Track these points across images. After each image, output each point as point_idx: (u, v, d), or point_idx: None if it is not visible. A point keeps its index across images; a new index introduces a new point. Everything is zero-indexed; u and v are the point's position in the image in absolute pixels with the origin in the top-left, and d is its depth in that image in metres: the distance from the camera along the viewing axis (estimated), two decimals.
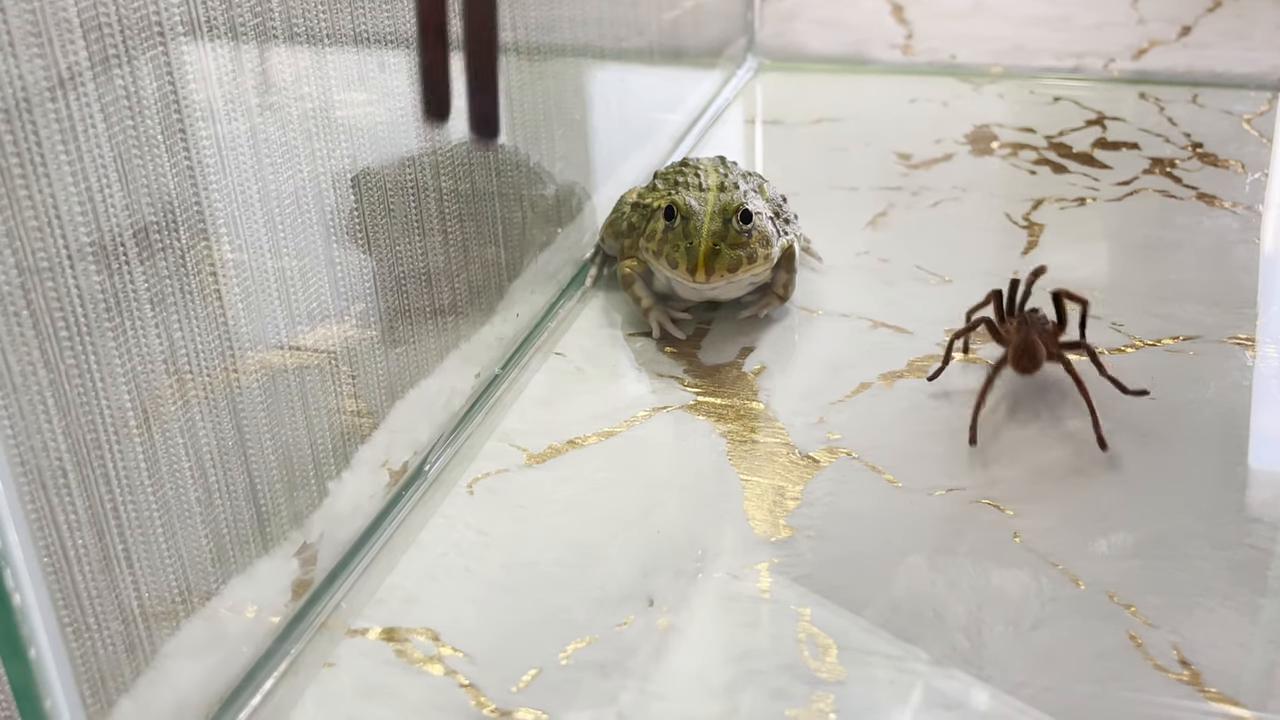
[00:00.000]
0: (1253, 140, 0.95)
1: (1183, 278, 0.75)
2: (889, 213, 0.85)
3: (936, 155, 0.94)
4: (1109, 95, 1.06)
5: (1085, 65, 1.12)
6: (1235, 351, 0.66)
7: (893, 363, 0.67)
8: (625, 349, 0.69)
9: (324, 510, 0.55)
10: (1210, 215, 0.83)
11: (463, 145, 0.65)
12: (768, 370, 0.67)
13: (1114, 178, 0.89)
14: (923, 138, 0.98)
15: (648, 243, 0.68)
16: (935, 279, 0.75)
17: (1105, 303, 0.72)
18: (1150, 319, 0.70)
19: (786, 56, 1.17)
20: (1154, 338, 0.68)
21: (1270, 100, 1.03)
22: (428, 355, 0.63)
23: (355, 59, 0.57)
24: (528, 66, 0.74)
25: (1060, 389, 0.63)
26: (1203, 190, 0.86)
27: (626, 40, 0.90)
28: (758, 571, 0.52)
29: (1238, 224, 0.81)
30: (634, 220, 0.73)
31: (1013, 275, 0.66)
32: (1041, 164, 0.92)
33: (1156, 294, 0.72)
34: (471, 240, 0.67)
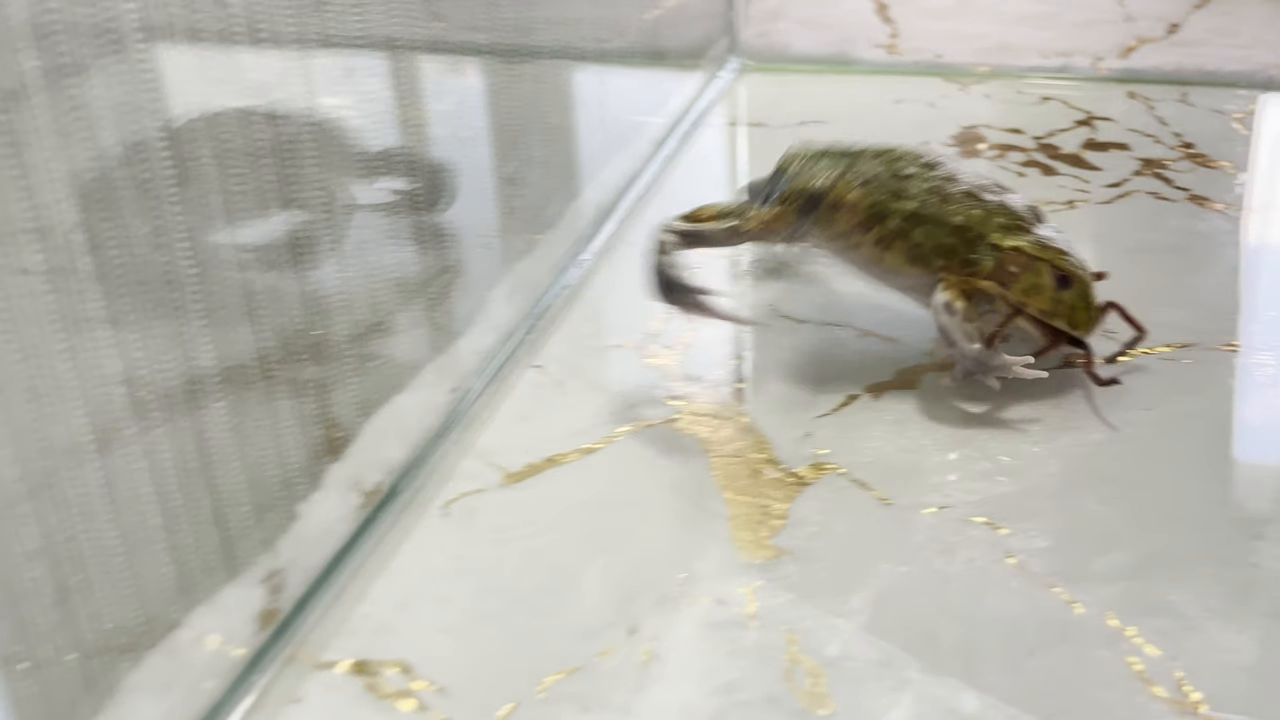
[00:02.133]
0: (1243, 140, 0.94)
1: (1176, 282, 0.73)
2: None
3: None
4: (1097, 94, 1.05)
5: (1073, 64, 1.11)
6: (1230, 359, 0.65)
7: (880, 373, 0.65)
8: (606, 360, 0.67)
9: (293, 534, 0.53)
10: (1202, 218, 0.81)
11: (433, 145, 0.63)
12: (753, 382, 0.65)
13: (1104, 179, 0.88)
14: (909, 139, 0.95)
15: (1029, 296, 0.61)
16: None
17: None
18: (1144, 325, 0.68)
19: (770, 57, 1.16)
20: (1147, 345, 0.66)
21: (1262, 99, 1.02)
22: (402, 369, 0.61)
23: (328, 63, 0.55)
24: (504, 70, 0.72)
25: (1051, 403, 0.62)
26: (1194, 192, 0.85)
27: (607, 42, 0.88)
28: (743, 596, 0.50)
29: (1230, 226, 0.80)
30: (922, 231, 0.63)
31: None
32: (1030, 166, 0.90)
33: (1149, 299, 0.71)
34: (446, 247, 0.65)
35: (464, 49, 0.68)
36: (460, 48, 0.68)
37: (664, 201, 0.88)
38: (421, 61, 0.63)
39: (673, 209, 0.86)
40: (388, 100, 0.60)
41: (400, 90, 0.61)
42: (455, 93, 0.67)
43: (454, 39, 0.67)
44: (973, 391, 0.63)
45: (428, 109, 0.64)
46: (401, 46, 0.61)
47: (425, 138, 0.64)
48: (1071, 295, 0.61)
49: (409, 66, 0.62)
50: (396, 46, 0.60)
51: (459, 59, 0.68)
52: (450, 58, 0.67)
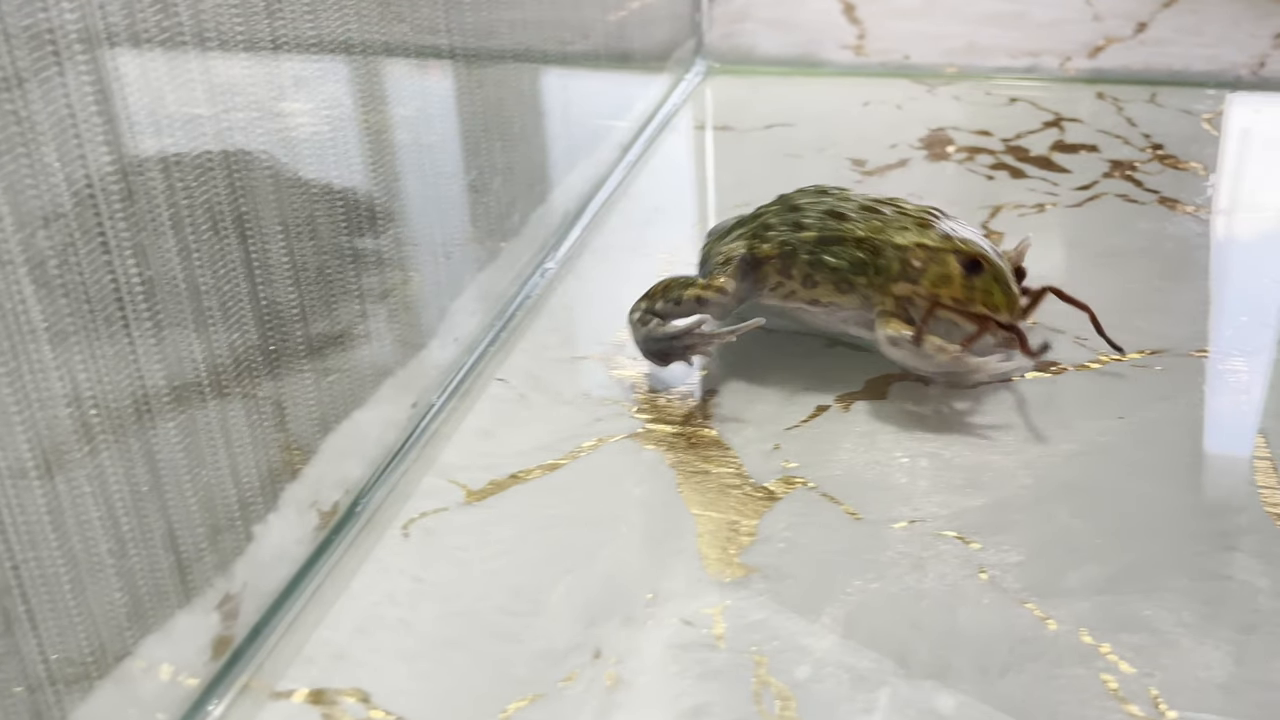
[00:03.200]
0: (1213, 141, 0.94)
1: (1146, 287, 0.73)
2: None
3: (891, 161, 0.92)
4: (1066, 95, 1.04)
5: (1041, 64, 1.10)
6: (1203, 365, 0.64)
7: (849, 383, 0.64)
8: (571, 372, 0.66)
9: (248, 557, 0.51)
10: (1173, 220, 0.81)
11: (394, 151, 0.62)
12: (720, 394, 0.64)
13: (1073, 182, 0.87)
14: (877, 142, 0.95)
15: (940, 287, 0.62)
16: None
17: (1069, 315, 0.69)
18: (1114, 332, 0.67)
19: (736, 59, 1.15)
20: (1119, 352, 0.66)
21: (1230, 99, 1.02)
22: (361, 384, 0.60)
23: (283, 68, 0.54)
24: (467, 74, 0.71)
25: (1022, 413, 0.61)
26: (1164, 194, 0.85)
27: (571, 44, 0.87)
28: (711, 616, 0.49)
29: (1201, 229, 0.80)
30: (831, 254, 0.64)
31: None
32: (999, 168, 0.90)
33: (1120, 305, 0.70)
34: (408, 257, 0.64)
35: (425, 52, 0.67)
36: (421, 51, 0.67)
37: (630, 207, 0.87)
38: (382, 65, 0.62)
39: (639, 214, 0.85)
40: (347, 106, 0.59)
41: (360, 95, 0.60)
42: (417, 97, 0.66)
43: (415, 42, 0.66)
44: (943, 401, 0.62)
45: (389, 114, 0.63)
46: (361, 50, 0.60)
47: (387, 144, 0.63)
48: (984, 279, 0.62)
49: (369, 71, 0.61)
50: (355, 50, 0.59)
51: (420, 62, 0.66)
52: (411, 61, 0.65)
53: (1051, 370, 0.64)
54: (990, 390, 0.63)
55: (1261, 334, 0.67)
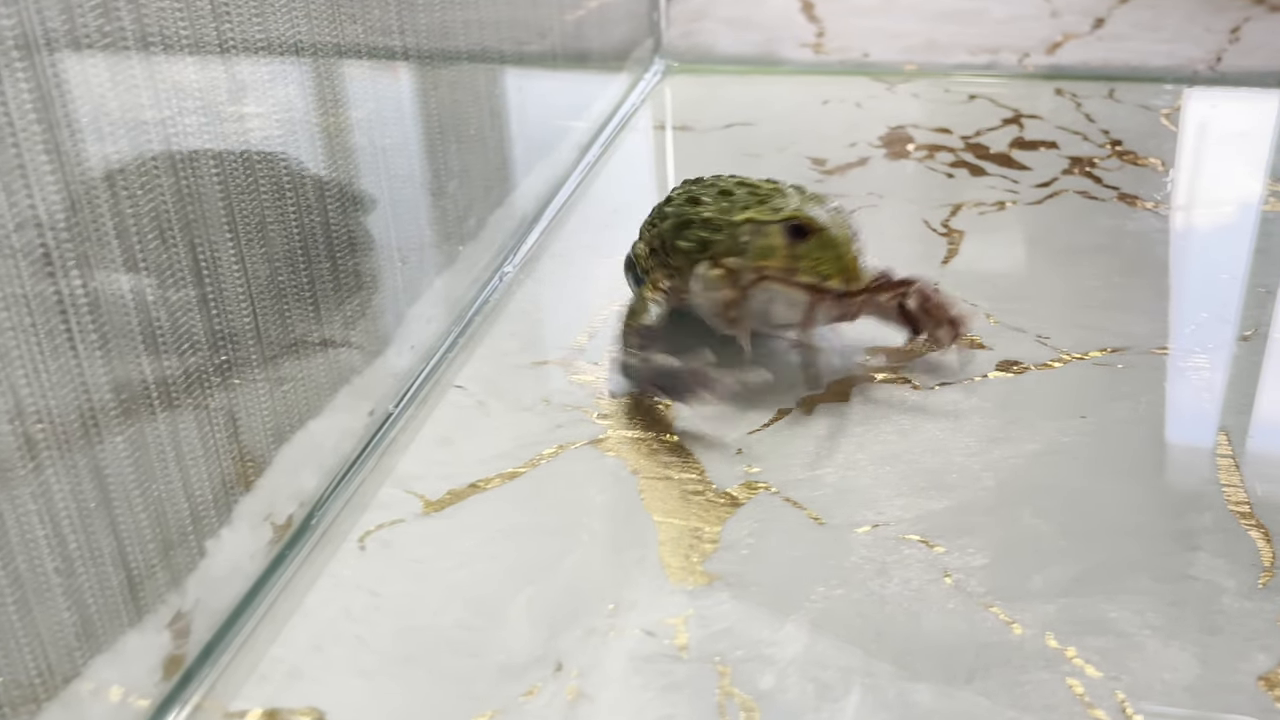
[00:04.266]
0: (1171, 136, 0.94)
1: (1107, 284, 0.73)
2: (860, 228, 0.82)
3: (851, 160, 0.92)
4: (1025, 92, 1.04)
5: (1000, 61, 1.11)
6: (1164, 363, 0.64)
7: (812, 386, 0.64)
8: (530, 379, 0.66)
9: (200, 573, 0.50)
10: (1132, 217, 0.81)
11: (349, 154, 0.61)
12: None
13: (1033, 179, 0.87)
14: (837, 141, 0.95)
15: (762, 260, 0.61)
16: None
17: (1030, 314, 0.69)
18: (1076, 330, 0.67)
19: (695, 58, 1.14)
20: (1081, 350, 0.66)
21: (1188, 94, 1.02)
22: (316, 392, 0.59)
23: (235, 71, 0.52)
24: (420, 75, 0.70)
25: (984, 414, 0.61)
26: (1124, 190, 0.85)
27: (528, 45, 0.86)
28: (674, 626, 0.48)
29: (1160, 225, 0.80)
30: (683, 238, 0.64)
31: (932, 285, 0.64)
32: (959, 166, 0.90)
33: (1082, 302, 0.70)
34: (363, 262, 0.63)
35: (379, 53, 0.66)
36: (375, 52, 0.66)
37: (589, 209, 0.86)
38: (335, 67, 0.61)
39: (598, 216, 0.84)
40: (301, 109, 0.58)
41: (313, 98, 0.59)
42: (372, 100, 0.65)
43: (368, 43, 0.65)
44: (906, 404, 0.62)
45: (343, 117, 0.62)
46: (313, 52, 0.58)
47: (341, 147, 0.61)
48: (810, 247, 0.60)
49: (322, 73, 0.60)
50: (307, 52, 0.58)
51: (375, 64, 0.65)
52: (366, 63, 0.64)
53: (1014, 370, 0.64)
54: (952, 390, 0.63)
55: (1221, 330, 0.67)
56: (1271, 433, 0.58)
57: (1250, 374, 0.63)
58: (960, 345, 0.64)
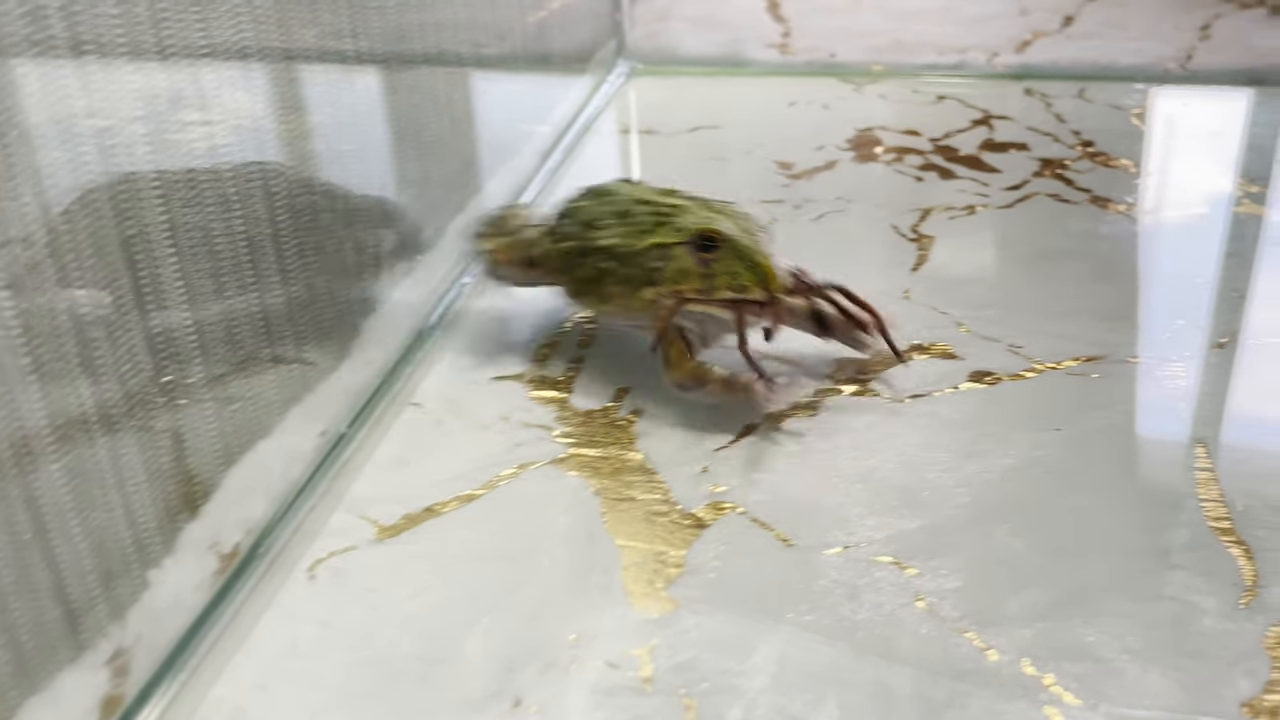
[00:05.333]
0: (1142, 137, 0.93)
1: (1080, 290, 0.71)
2: (771, 229, 0.80)
3: (819, 163, 0.90)
4: (994, 92, 1.03)
5: (969, 60, 1.09)
6: (1139, 372, 0.63)
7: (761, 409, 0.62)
8: (490, 395, 0.64)
9: (142, 606, 0.48)
10: (1105, 220, 0.80)
11: (300, 169, 0.59)
12: (646, 414, 0.61)
13: (1004, 182, 0.86)
14: (804, 144, 0.94)
15: (680, 282, 0.59)
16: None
17: (1002, 322, 0.68)
18: (1049, 339, 0.66)
19: (659, 60, 1.13)
20: (1054, 359, 0.64)
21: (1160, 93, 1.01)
22: (266, 412, 0.57)
23: (184, 77, 0.50)
24: (377, 79, 0.68)
25: (956, 426, 0.59)
26: (1096, 193, 0.84)
27: (487, 47, 0.85)
28: (638, 658, 0.46)
29: (1133, 229, 0.79)
30: (582, 268, 0.63)
31: (902, 293, 0.62)
32: (928, 169, 0.88)
33: (1054, 310, 0.69)
34: (316, 277, 0.60)
35: (331, 58, 0.64)
36: (327, 56, 0.64)
37: None
38: (285, 73, 0.59)
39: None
40: (251, 116, 0.56)
41: (265, 105, 0.57)
42: (327, 106, 0.63)
43: (319, 47, 0.62)
44: (877, 419, 0.60)
45: (294, 123, 0.60)
46: (260, 57, 0.56)
47: (298, 154, 0.59)
48: (724, 261, 0.57)
49: (272, 78, 0.58)
50: (254, 57, 0.56)
51: (328, 69, 0.63)
52: (318, 68, 0.62)
53: (986, 380, 0.63)
54: (924, 403, 0.61)
55: (1195, 337, 0.66)
56: (1249, 444, 0.57)
57: (1226, 383, 0.62)
58: (894, 345, 0.63)
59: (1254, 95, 1.00)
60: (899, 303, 0.70)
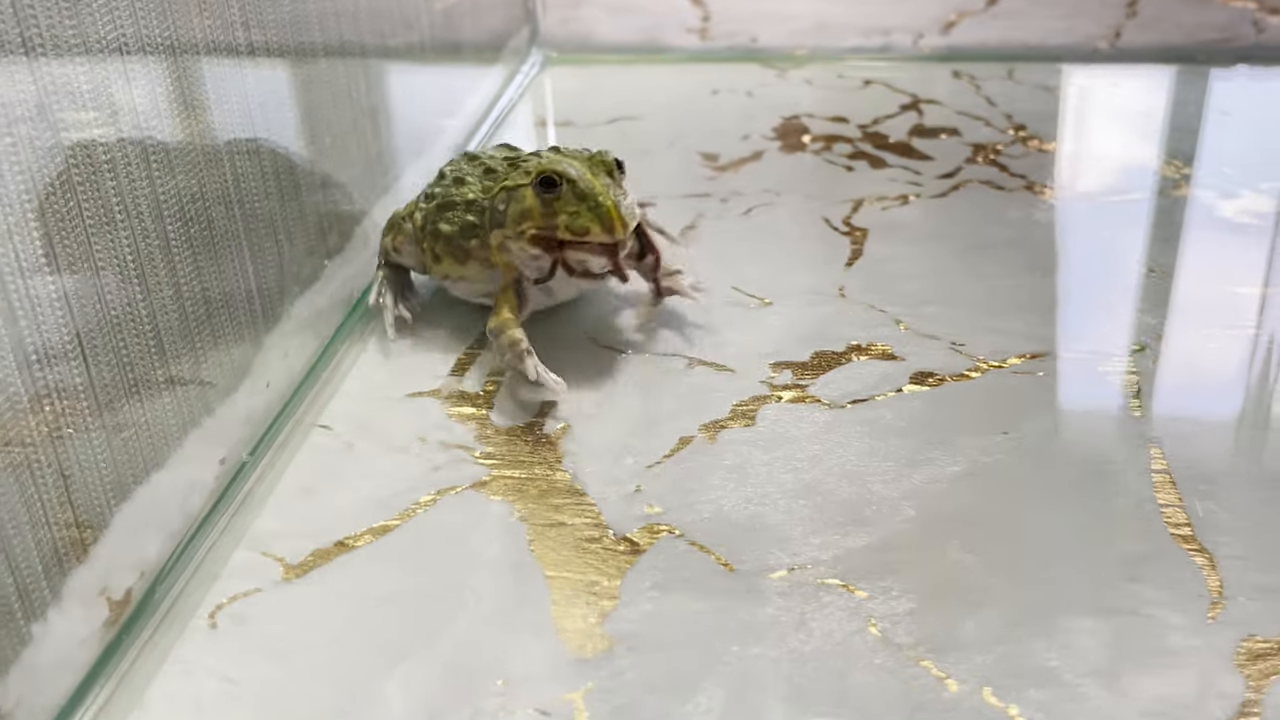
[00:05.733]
0: (1074, 118, 0.91)
1: (1019, 282, 0.69)
2: (698, 224, 0.78)
3: (745, 154, 0.88)
4: (922, 75, 1.01)
5: (894, 43, 1.07)
6: (1085, 368, 0.61)
7: (715, 409, 0.59)
8: (404, 414, 0.60)
9: (24, 665, 0.44)
10: (1040, 207, 0.78)
11: (193, 165, 0.55)
12: (573, 430, 0.58)
13: (936, 169, 0.84)
14: (729, 134, 0.91)
15: (522, 223, 0.59)
16: (754, 301, 0.68)
17: (942, 319, 0.66)
18: (991, 335, 0.64)
19: (575, 47, 1.09)
20: (998, 358, 0.62)
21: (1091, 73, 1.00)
22: (160, 440, 0.53)
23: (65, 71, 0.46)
24: (274, 72, 0.64)
25: (899, 432, 0.57)
26: (1030, 178, 0.82)
27: (393, 37, 0.81)
28: (571, 703, 0.43)
29: (1069, 215, 0.77)
30: (445, 221, 0.65)
31: (837, 290, 0.60)
32: (858, 158, 0.86)
33: (994, 304, 0.67)
34: (212, 288, 0.56)
35: (221, 49, 0.60)
36: (216, 48, 0.59)
37: None
38: (176, 67, 0.54)
39: None
40: (132, 115, 0.52)
41: (150, 102, 0.52)
42: (220, 101, 0.58)
43: (207, 39, 0.58)
44: (818, 429, 0.58)
45: (191, 122, 0.56)
46: (139, 50, 0.52)
47: (186, 155, 0.55)
48: (565, 201, 0.58)
49: (162, 74, 0.53)
50: (140, 51, 0.52)
51: (219, 62, 0.59)
52: (213, 62, 0.58)
53: (929, 382, 0.60)
54: (866, 408, 0.59)
55: (1141, 329, 0.64)
56: (1205, 443, 0.55)
57: (1176, 376, 0.60)
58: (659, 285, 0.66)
59: (1178, 73, 0.99)
60: (834, 301, 0.68)
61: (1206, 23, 1.07)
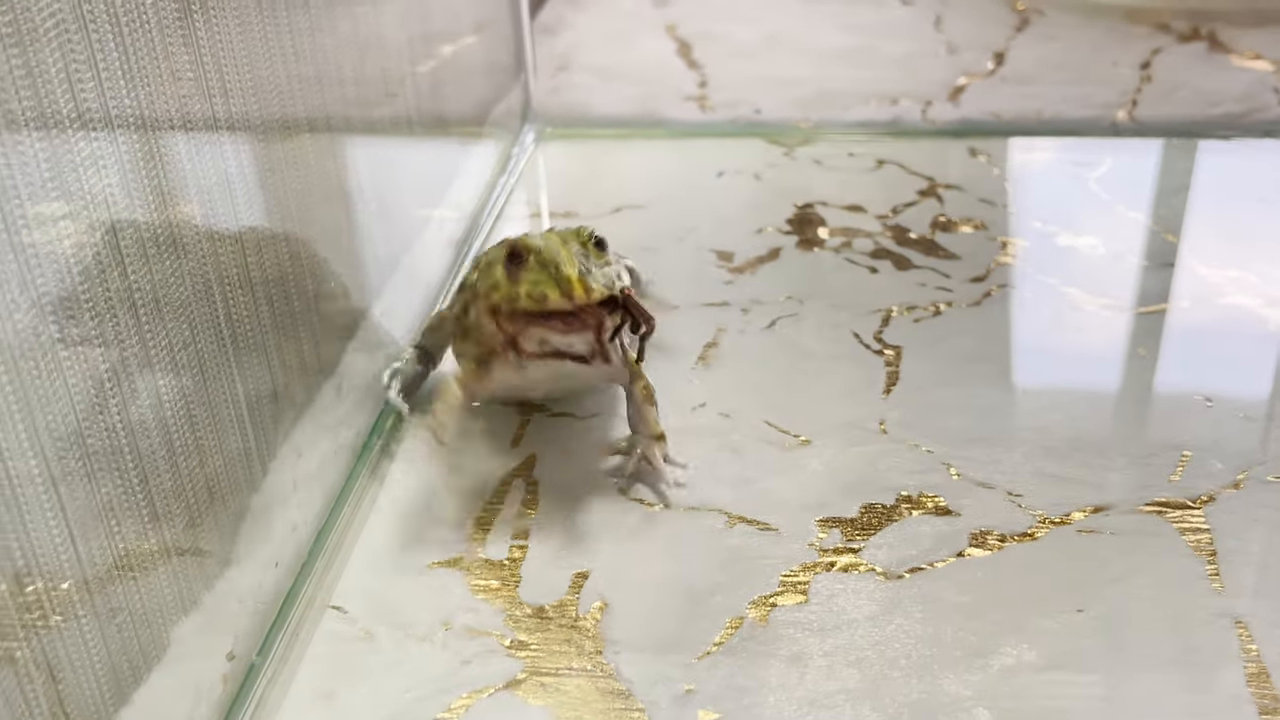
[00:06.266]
0: (1103, 205, 0.89)
1: (1070, 414, 0.66)
2: (719, 341, 0.74)
3: (761, 251, 0.84)
4: (935, 154, 0.98)
5: (903, 115, 1.04)
6: (1156, 525, 0.58)
7: (763, 579, 0.56)
8: (424, 590, 0.56)
9: None
10: (1094, 317, 0.75)
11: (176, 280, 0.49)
12: (611, 608, 0.55)
13: (966, 271, 0.81)
14: (741, 226, 0.88)
15: (491, 296, 0.59)
16: (790, 440, 0.65)
17: (994, 461, 0.63)
18: (1049, 482, 0.61)
19: (568, 120, 1.05)
20: (1060, 511, 0.59)
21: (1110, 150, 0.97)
22: (154, 629, 0.48)
23: None
24: (251, 150, 0.57)
25: (967, 614, 0.53)
26: (1072, 281, 0.79)
27: (377, 108, 0.75)
28: None
29: (1124, 326, 0.74)
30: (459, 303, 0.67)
31: (878, 424, 0.56)
32: (880, 257, 0.83)
33: (1050, 443, 0.64)
34: (205, 435, 0.52)
35: (168, 123, 0.52)
36: (162, 122, 0.51)
37: None
38: (120, 141, 0.47)
39: None
40: (66, 208, 0.46)
41: (106, 189, 0.46)
42: (192, 187, 0.52)
43: (154, 112, 0.50)
44: (878, 609, 0.54)
45: (165, 212, 0.49)
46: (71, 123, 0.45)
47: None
48: (530, 271, 0.57)
49: (105, 149, 0.46)
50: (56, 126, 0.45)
51: (170, 136, 0.52)
52: (151, 135, 0.51)
53: (988, 544, 0.57)
54: (925, 579, 0.55)
55: (1215, 474, 0.61)
56: None
57: (1258, 533, 0.57)
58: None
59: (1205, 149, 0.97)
60: (876, 439, 0.64)
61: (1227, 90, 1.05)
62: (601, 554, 0.58)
